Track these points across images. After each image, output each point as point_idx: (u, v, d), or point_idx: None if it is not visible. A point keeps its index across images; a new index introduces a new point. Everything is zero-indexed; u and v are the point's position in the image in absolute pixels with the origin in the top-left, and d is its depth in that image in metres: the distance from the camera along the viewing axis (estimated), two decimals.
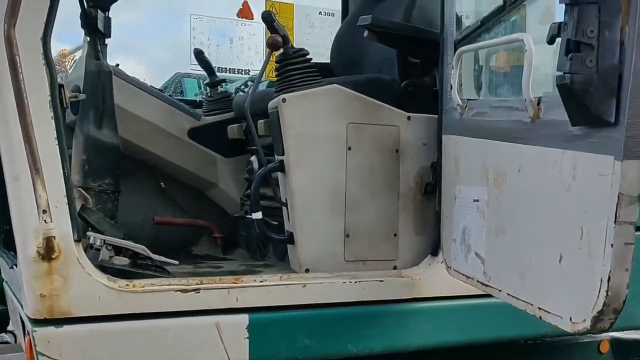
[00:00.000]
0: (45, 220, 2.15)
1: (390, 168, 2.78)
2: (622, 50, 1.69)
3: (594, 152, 1.77)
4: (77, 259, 2.25)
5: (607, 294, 1.72)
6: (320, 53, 4.48)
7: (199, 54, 3.93)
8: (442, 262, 2.66)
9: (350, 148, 2.71)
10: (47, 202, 2.15)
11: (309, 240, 2.71)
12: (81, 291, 2.25)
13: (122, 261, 2.51)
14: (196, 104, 3.91)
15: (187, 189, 3.64)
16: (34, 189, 2.13)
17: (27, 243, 2.19)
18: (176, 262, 2.68)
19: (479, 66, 2.78)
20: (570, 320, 1.87)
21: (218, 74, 4.04)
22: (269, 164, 2.79)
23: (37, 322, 2.23)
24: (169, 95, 6.49)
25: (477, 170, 2.35)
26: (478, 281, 2.38)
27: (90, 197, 2.76)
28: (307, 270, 2.68)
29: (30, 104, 2.12)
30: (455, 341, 2.76)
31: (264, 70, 3.19)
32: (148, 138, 3.40)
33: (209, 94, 3.85)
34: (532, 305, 2.06)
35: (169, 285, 2.40)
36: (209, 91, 3.88)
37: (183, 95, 11.71)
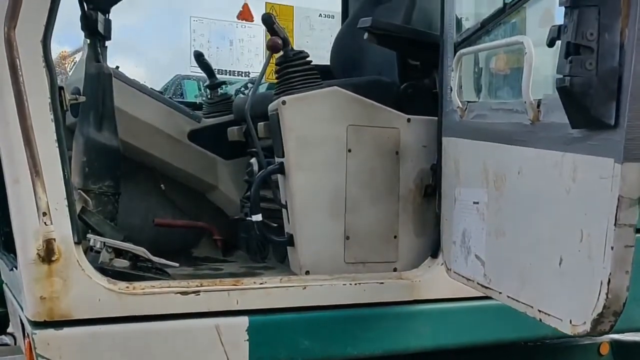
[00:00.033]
0: (45, 223, 2.15)
1: (390, 170, 2.78)
2: (622, 53, 1.69)
3: (594, 155, 1.77)
4: (77, 261, 2.24)
5: (607, 297, 1.72)
6: (320, 55, 4.48)
7: (199, 57, 3.93)
8: (442, 264, 2.66)
9: (350, 150, 2.71)
10: (47, 204, 2.15)
11: (309, 243, 2.71)
12: (81, 293, 2.24)
13: (122, 263, 2.51)
14: (196, 106, 3.90)
15: (187, 191, 3.63)
16: (34, 191, 2.13)
17: (27, 245, 2.19)
18: (176, 264, 2.68)
19: (478, 68, 2.78)
20: (570, 322, 1.87)
21: (218, 76, 4.05)
22: (269, 166, 2.79)
23: (37, 325, 2.23)
24: (169, 97, 6.50)
25: (477, 172, 2.35)
26: (478, 283, 2.38)
27: (90, 200, 2.76)
28: (307, 273, 2.68)
29: (30, 107, 2.13)
30: (456, 343, 2.76)
31: (264, 73, 3.19)
32: (148, 140, 3.40)
33: (209, 96, 3.85)
34: (532, 307, 2.06)
35: (169, 287, 2.39)
36: (209, 93, 3.88)
37: (183, 98, 11.73)
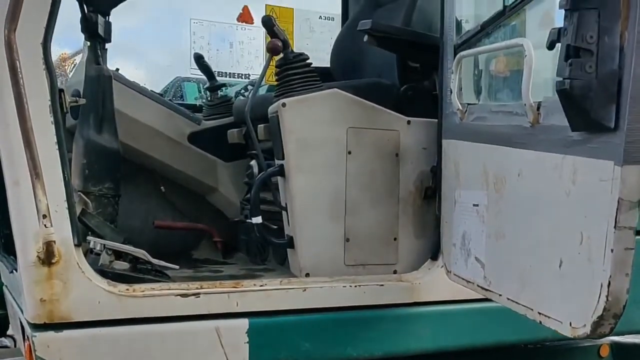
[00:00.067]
0: (45, 225, 2.15)
1: (390, 172, 2.78)
2: (622, 56, 1.69)
3: (594, 157, 1.77)
4: (77, 263, 2.24)
5: (607, 299, 1.72)
6: (320, 57, 4.48)
7: (199, 59, 3.93)
8: (442, 266, 2.66)
9: (350, 152, 2.71)
10: (47, 206, 2.15)
11: (309, 245, 2.71)
12: (81, 296, 2.24)
13: (122, 266, 2.51)
14: (196, 109, 3.90)
15: (187, 193, 3.63)
16: (34, 193, 2.13)
17: (27, 247, 2.19)
18: (176, 266, 2.68)
19: (478, 71, 2.78)
20: (570, 325, 1.87)
21: (218, 78, 4.04)
22: (269, 169, 2.79)
23: (36, 327, 2.23)
24: (169, 99, 6.49)
25: (477, 174, 2.35)
26: (478, 285, 2.38)
27: (90, 202, 2.76)
28: (307, 275, 2.68)
29: (30, 109, 2.13)
30: (456, 345, 2.76)
31: (264, 75, 3.19)
32: (148, 142, 3.40)
33: (209, 99, 3.85)
34: (532, 310, 2.06)
35: (169, 289, 2.39)
36: (209, 95, 3.88)
37: (183, 100, 11.72)
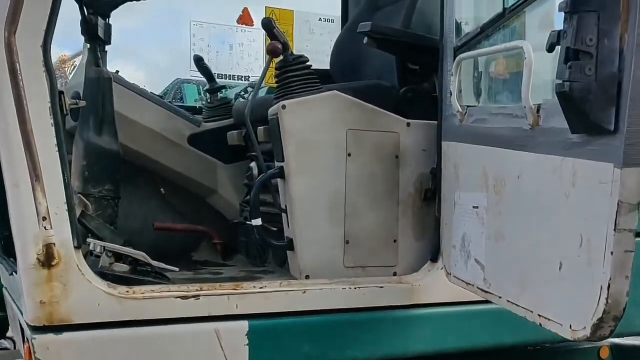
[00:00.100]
0: (45, 227, 2.15)
1: (390, 174, 2.78)
2: (622, 59, 1.69)
3: (594, 160, 1.77)
4: (77, 265, 2.24)
5: (607, 302, 1.72)
6: (320, 60, 4.48)
7: (199, 61, 3.93)
8: (442, 268, 2.66)
9: (350, 154, 2.71)
10: (47, 209, 2.15)
11: (309, 247, 2.71)
12: (81, 298, 2.24)
13: (122, 268, 2.51)
14: (196, 111, 3.91)
15: (187, 195, 3.63)
16: (34, 195, 2.13)
17: (27, 250, 2.19)
18: (176, 268, 2.68)
19: (478, 73, 2.78)
20: (571, 327, 1.87)
21: (218, 80, 4.05)
22: (269, 171, 2.79)
23: (36, 329, 2.23)
24: (169, 101, 6.49)
25: (477, 177, 2.35)
26: (478, 288, 2.38)
27: (90, 204, 2.76)
28: (307, 277, 2.68)
29: (30, 111, 2.13)
30: (456, 347, 2.76)
31: (264, 77, 3.19)
32: (148, 144, 3.40)
33: (209, 101, 3.85)
34: (532, 312, 2.06)
35: (169, 291, 2.39)
36: (209, 98, 3.89)
37: (183, 102, 11.70)
